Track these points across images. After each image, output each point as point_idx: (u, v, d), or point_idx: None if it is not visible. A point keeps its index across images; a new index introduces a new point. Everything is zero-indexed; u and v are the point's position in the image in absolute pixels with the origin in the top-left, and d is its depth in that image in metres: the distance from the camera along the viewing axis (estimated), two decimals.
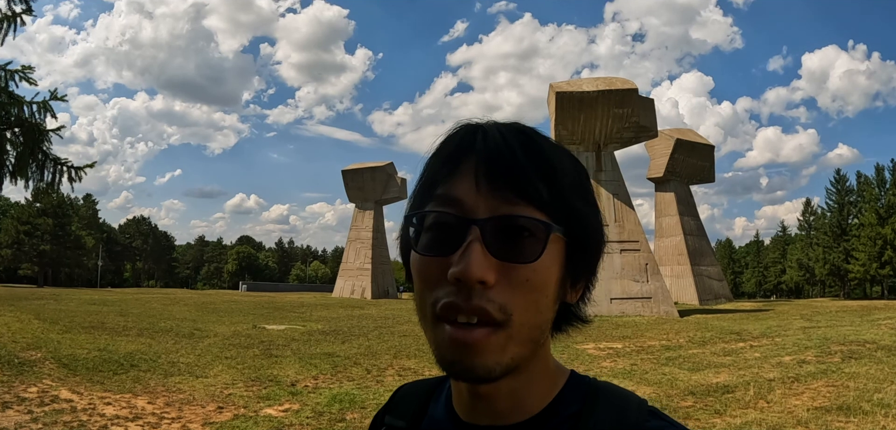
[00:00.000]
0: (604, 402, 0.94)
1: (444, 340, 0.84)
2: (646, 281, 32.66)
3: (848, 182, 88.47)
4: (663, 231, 56.37)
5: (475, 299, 0.82)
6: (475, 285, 0.81)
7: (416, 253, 0.88)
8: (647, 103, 36.48)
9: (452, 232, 0.85)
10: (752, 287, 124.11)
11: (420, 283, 0.88)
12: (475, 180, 0.87)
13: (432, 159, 0.94)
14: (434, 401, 1.09)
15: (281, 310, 35.72)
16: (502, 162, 0.87)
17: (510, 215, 0.84)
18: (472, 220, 0.84)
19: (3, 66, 12.75)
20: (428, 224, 0.88)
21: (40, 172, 13.38)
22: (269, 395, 11.68)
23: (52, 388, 11.34)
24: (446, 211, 0.87)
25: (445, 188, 0.89)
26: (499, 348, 0.84)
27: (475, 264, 0.81)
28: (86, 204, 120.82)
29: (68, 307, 30.11)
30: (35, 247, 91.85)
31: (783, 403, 10.83)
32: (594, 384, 0.99)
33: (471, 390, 0.94)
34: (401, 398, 1.16)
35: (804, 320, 27.74)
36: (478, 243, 0.83)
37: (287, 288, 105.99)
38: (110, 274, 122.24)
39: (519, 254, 0.84)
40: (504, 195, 0.85)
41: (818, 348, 16.86)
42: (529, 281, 0.84)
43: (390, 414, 1.13)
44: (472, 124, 0.95)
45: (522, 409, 0.94)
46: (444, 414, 1.03)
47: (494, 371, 0.84)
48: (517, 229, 0.84)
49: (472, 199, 0.86)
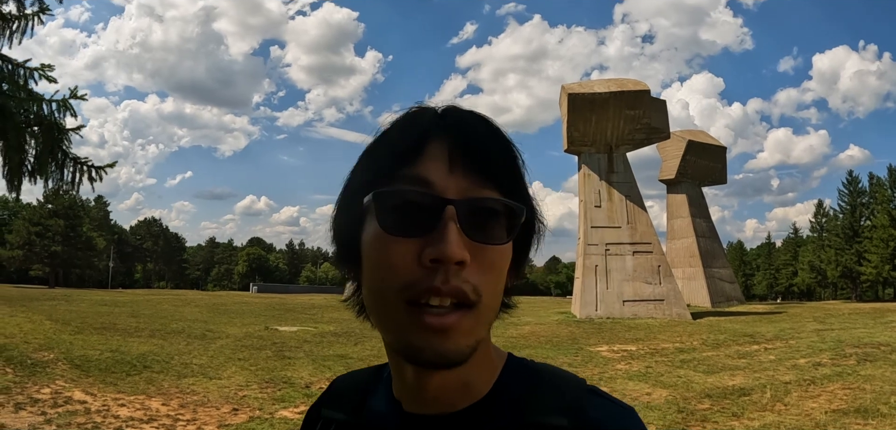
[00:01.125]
0: (544, 382, 0.96)
1: (413, 325, 0.83)
2: (658, 283, 32.55)
3: (860, 184, 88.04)
4: (675, 233, 56.19)
5: (452, 279, 0.81)
6: (452, 265, 0.81)
7: (382, 233, 0.85)
8: (659, 105, 36.36)
9: (424, 212, 0.84)
10: (764, 289, 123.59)
11: (383, 264, 0.85)
12: (448, 161, 0.87)
13: (390, 140, 0.93)
14: (373, 392, 1.08)
15: (292, 311, 35.78)
16: (474, 145, 0.88)
17: (485, 198, 0.85)
18: (448, 199, 0.84)
19: (23, 63, 12.77)
20: (393, 204, 0.85)
21: (60, 171, 13.35)
22: (283, 397, 11.67)
23: (65, 389, 11.35)
24: (417, 190, 0.85)
25: (413, 168, 0.87)
26: (469, 330, 0.84)
27: (454, 243, 0.81)
28: (97, 206, 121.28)
29: (80, 308, 30.20)
30: (46, 248, 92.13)
31: (800, 405, 10.78)
32: (533, 366, 1.00)
33: (418, 379, 0.91)
34: (337, 389, 1.14)
35: (817, 322, 27.66)
36: (454, 223, 0.82)
37: (297, 290, 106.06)
38: (121, 275, 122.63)
39: (490, 236, 0.85)
40: (474, 178, 0.86)
41: (833, 351, 16.77)
42: (495, 264, 0.86)
43: (327, 407, 1.11)
44: (433, 108, 0.95)
45: (467, 395, 0.94)
46: (384, 405, 1.02)
47: (465, 354, 0.85)
48: (488, 211, 0.85)
49: (442, 180, 0.85)
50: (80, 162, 13.58)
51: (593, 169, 35.17)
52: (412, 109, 0.96)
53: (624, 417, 0.91)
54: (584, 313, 31.62)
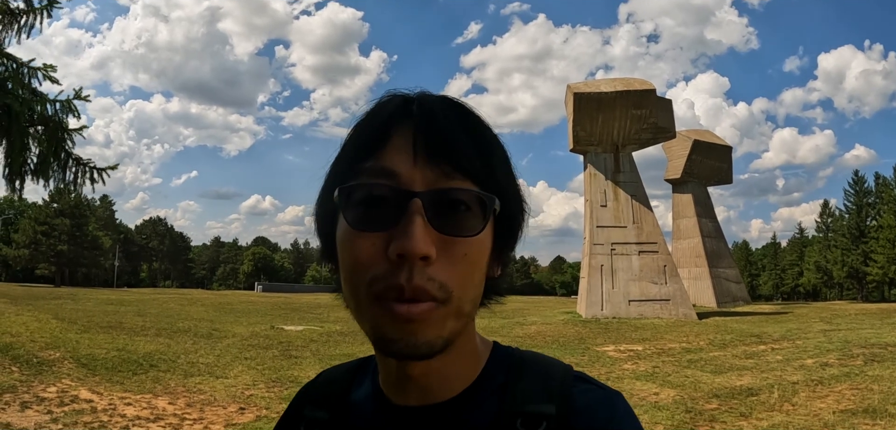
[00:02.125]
0: (529, 370, 0.95)
1: (384, 318, 0.82)
2: (664, 283, 32.50)
3: (866, 184, 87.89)
4: (680, 233, 56.08)
5: (416, 278, 0.79)
6: (417, 260, 0.79)
7: (349, 228, 0.84)
8: (665, 104, 36.32)
9: (389, 206, 0.82)
10: (770, 290, 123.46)
11: (351, 261, 0.84)
12: (412, 152, 0.84)
13: (359, 129, 0.91)
14: (357, 386, 1.06)
15: (298, 311, 35.85)
16: (439, 134, 0.85)
17: (452, 189, 0.83)
18: (414, 192, 0.82)
19: (26, 63, 12.77)
20: (358, 198, 0.84)
21: (62, 171, 13.36)
22: (290, 396, 11.60)
23: (71, 388, 11.36)
24: (381, 183, 0.83)
25: (377, 160, 0.85)
26: (440, 322, 0.82)
27: (419, 238, 0.79)
28: (103, 205, 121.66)
29: (86, 307, 30.28)
30: (52, 247, 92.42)
31: (808, 406, 10.75)
32: (519, 354, 1.00)
33: (401, 369, 0.91)
34: (320, 385, 1.12)
35: (824, 322, 27.59)
36: (420, 216, 0.80)
37: (303, 289, 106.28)
38: (127, 274, 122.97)
39: (460, 227, 0.83)
40: (442, 168, 0.83)
41: (840, 351, 16.72)
42: (467, 256, 0.84)
43: (311, 405, 1.08)
44: (403, 94, 0.92)
45: (451, 385, 0.93)
46: (370, 398, 1.01)
47: (436, 345, 0.83)
48: (457, 202, 0.83)
49: (408, 171, 0.83)
50: (83, 163, 13.60)
51: (599, 169, 35.11)
52: (383, 98, 0.93)
53: (610, 401, 0.91)
54: (590, 313, 31.59)
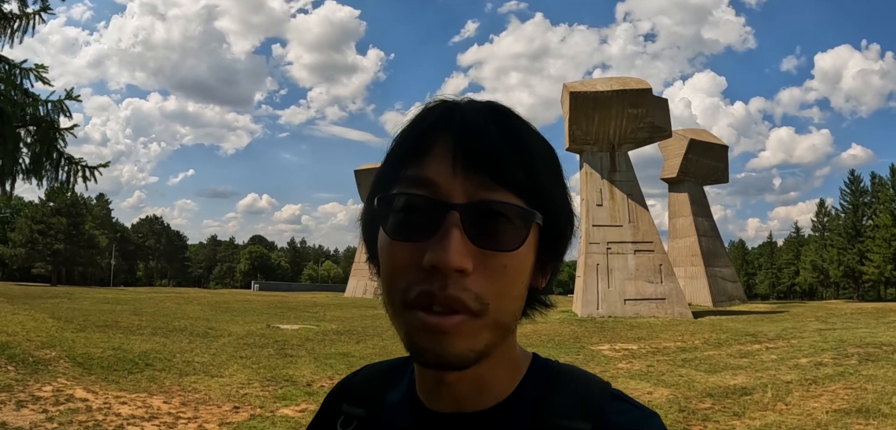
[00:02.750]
0: (567, 385, 0.94)
1: (416, 327, 0.81)
2: (660, 282, 32.53)
3: (862, 183, 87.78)
4: (677, 232, 56.12)
5: (451, 288, 0.79)
6: (452, 273, 0.79)
7: (386, 236, 0.85)
8: (661, 103, 36.34)
9: (427, 216, 0.82)
10: (766, 289, 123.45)
11: (390, 268, 0.85)
12: (452, 162, 0.83)
13: (403, 136, 0.91)
14: (393, 386, 1.07)
15: (294, 310, 35.80)
16: (480, 144, 0.84)
17: (491, 201, 0.82)
18: (452, 204, 0.81)
19: (18, 64, 12.78)
20: (399, 206, 0.84)
21: (55, 171, 13.37)
22: (285, 395, 11.67)
23: (66, 387, 11.36)
24: (419, 194, 0.83)
25: (417, 169, 0.85)
26: (472, 335, 0.82)
27: (454, 251, 0.78)
28: (99, 203, 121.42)
29: (82, 306, 30.24)
30: (49, 246, 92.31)
31: (802, 405, 10.78)
32: (557, 368, 0.99)
33: (436, 376, 0.92)
34: (359, 383, 1.13)
35: (819, 321, 27.63)
36: (457, 230, 0.80)
37: (299, 288, 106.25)
38: (123, 273, 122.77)
39: (499, 242, 0.82)
40: (481, 180, 0.82)
41: (835, 351, 16.76)
42: (506, 269, 0.82)
43: (348, 401, 1.10)
44: (446, 102, 0.92)
45: (487, 396, 0.93)
46: (405, 400, 1.02)
47: (468, 358, 0.83)
48: (496, 215, 0.82)
49: (447, 182, 0.83)
50: (75, 162, 13.60)
51: (595, 168, 35.12)
52: (428, 104, 0.93)
53: (646, 422, 0.91)
54: (586, 312, 31.60)
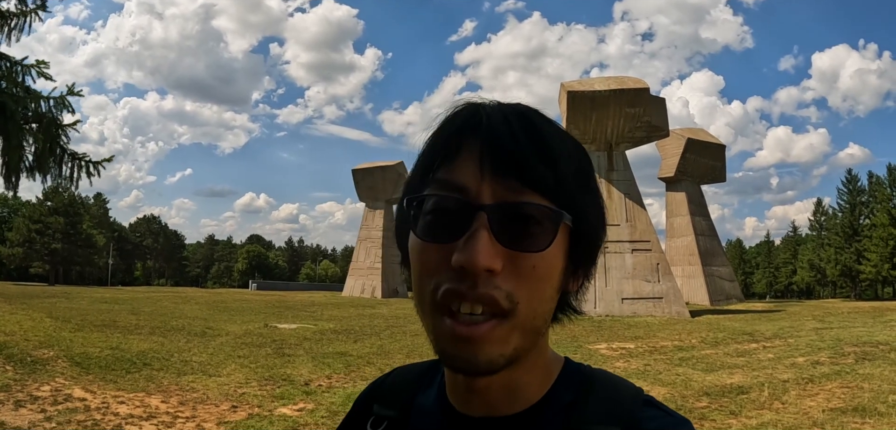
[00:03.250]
0: (598, 390, 0.94)
1: (444, 333, 0.83)
2: (657, 281, 32.56)
3: (859, 182, 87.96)
4: (674, 231, 56.21)
5: (481, 286, 0.80)
6: (481, 273, 0.79)
7: (416, 238, 0.86)
8: (659, 103, 36.38)
9: (456, 218, 0.83)
10: (763, 288, 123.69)
11: (419, 269, 0.86)
12: (479, 165, 0.84)
13: (432, 139, 0.92)
14: (424, 389, 1.08)
15: (292, 309, 35.79)
16: (507, 147, 0.84)
17: (519, 203, 0.82)
18: (480, 206, 0.82)
19: (20, 61, 12.79)
20: (428, 208, 0.85)
21: (59, 167, 13.40)
22: (282, 394, 11.68)
23: (64, 387, 11.36)
24: (449, 195, 0.84)
25: (447, 172, 0.86)
26: (502, 340, 0.82)
27: (483, 251, 0.79)
28: (97, 203, 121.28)
29: (80, 306, 30.22)
30: (46, 245, 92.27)
31: (798, 404, 10.79)
32: (589, 373, 0.99)
33: (466, 381, 0.92)
34: (390, 384, 1.14)
35: (816, 321, 27.64)
36: (485, 231, 0.80)
37: (297, 287, 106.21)
38: (121, 272, 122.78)
39: (528, 243, 0.82)
40: (509, 183, 0.83)
41: (831, 350, 16.78)
42: (536, 269, 0.83)
43: (379, 402, 1.11)
44: (474, 104, 0.92)
45: (518, 400, 0.93)
46: (435, 404, 1.02)
47: (497, 363, 0.83)
48: (525, 217, 0.82)
49: (475, 184, 0.84)
50: (78, 158, 13.63)
51: None
52: (456, 107, 0.93)
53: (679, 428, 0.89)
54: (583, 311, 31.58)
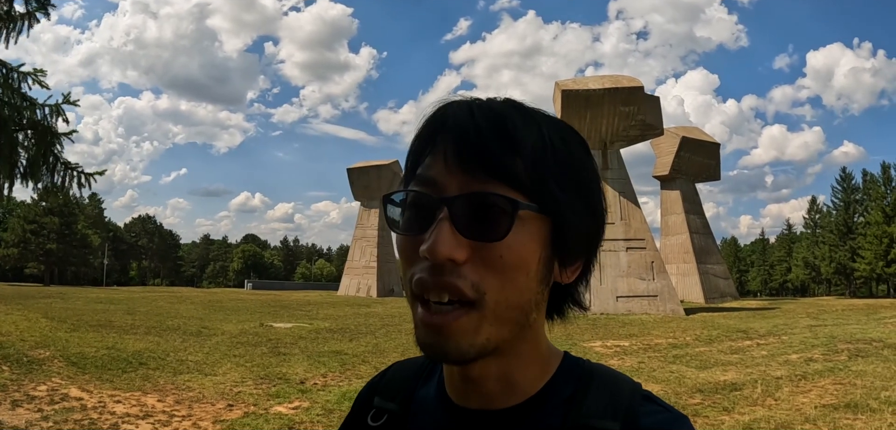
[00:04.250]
0: (597, 385, 0.94)
1: (417, 321, 0.86)
2: (652, 279, 32.59)
3: (853, 180, 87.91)
4: (669, 229, 56.23)
5: (446, 275, 0.82)
6: (444, 262, 0.82)
7: (396, 233, 0.90)
8: (653, 101, 36.39)
9: (425, 211, 0.86)
10: (758, 286, 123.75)
11: (401, 262, 0.90)
12: (444, 159, 0.87)
13: (413, 141, 0.95)
14: (424, 382, 1.09)
15: (287, 308, 35.71)
16: (470, 140, 0.86)
17: (479, 193, 0.84)
18: (442, 198, 0.84)
19: (16, 67, 12.78)
20: (408, 203, 0.89)
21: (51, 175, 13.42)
22: (278, 393, 11.70)
23: (61, 386, 11.37)
24: (420, 191, 0.87)
25: (423, 168, 0.90)
26: (471, 329, 0.84)
27: (442, 242, 0.81)
28: (91, 203, 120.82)
29: (75, 306, 30.16)
30: (41, 246, 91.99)
31: (791, 401, 10.84)
32: (588, 367, 0.99)
33: (461, 372, 0.94)
34: (391, 378, 1.15)
35: (810, 318, 27.68)
36: (446, 222, 0.83)
37: (292, 286, 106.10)
38: (116, 273, 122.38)
39: (488, 231, 0.83)
40: (473, 174, 0.85)
41: (825, 347, 16.85)
42: (503, 259, 0.83)
43: (380, 395, 1.12)
44: (445, 103, 0.94)
45: (514, 392, 0.94)
46: (434, 396, 1.04)
47: (468, 353, 0.85)
48: (487, 206, 0.83)
49: (444, 178, 0.86)
50: (71, 167, 13.62)
51: None
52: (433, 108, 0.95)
53: (676, 425, 0.89)
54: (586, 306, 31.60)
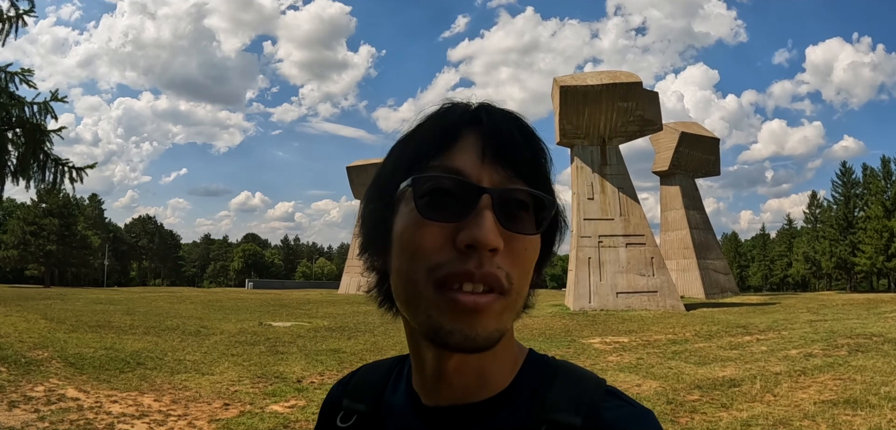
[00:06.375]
0: (562, 379, 0.97)
1: (445, 308, 0.84)
2: (652, 275, 32.64)
3: (854, 175, 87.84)
4: (669, 225, 56.25)
5: (487, 265, 0.83)
6: (487, 251, 0.83)
7: (417, 217, 0.87)
8: (652, 97, 36.44)
9: (458, 199, 0.86)
10: (759, 281, 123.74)
11: (412, 250, 0.87)
12: (480, 154, 0.90)
13: (424, 132, 0.95)
14: (393, 385, 1.10)
15: (287, 307, 35.79)
16: (505, 140, 0.91)
17: (518, 189, 0.88)
18: (484, 188, 0.86)
19: (4, 67, 12.77)
20: (426, 189, 0.88)
21: (42, 172, 13.42)
22: (274, 392, 11.69)
23: (58, 387, 11.37)
24: (450, 177, 0.88)
25: (444, 160, 0.90)
26: (499, 314, 0.86)
27: (490, 230, 0.83)
28: (91, 204, 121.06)
29: (75, 307, 30.17)
30: (41, 247, 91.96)
31: (790, 396, 10.82)
32: (553, 363, 1.01)
33: (436, 370, 0.94)
34: (360, 380, 1.15)
35: (811, 313, 27.73)
36: (490, 211, 0.84)
37: (293, 285, 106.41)
38: (116, 273, 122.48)
39: (523, 226, 0.88)
40: (506, 172, 0.89)
41: (825, 342, 16.84)
42: (526, 252, 0.89)
43: (349, 397, 1.13)
44: (465, 103, 0.98)
45: (486, 387, 0.95)
46: (403, 398, 1.04)
47: (493, 338, 0.86)
48: (520, 202, 0.88)
49: (476, 171, 0.88)
50: (61, 163, 13.62)
51: (586, 161, 35.20)
52: (444, 105, 0.98)
53: (639, 420, 0.91)
54: (578, 306, 31.67)
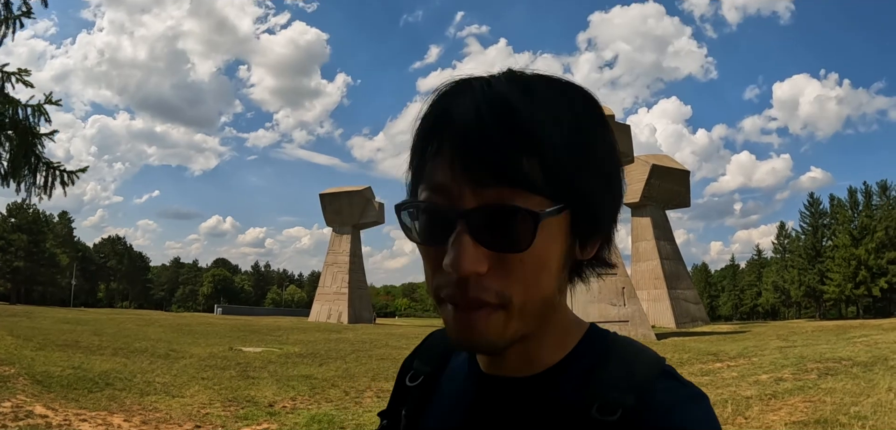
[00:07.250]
0: (618, 356, 0.92)
1: (448, 320, 0.84)
2: (623, 305, 32.84)
3: (821, 205, 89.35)
4: (640, 256, 56.56)
5: (471, 290, 0.79)
6: (468, 276, 0.78)
7: (418, 239, 0.86)
8: (624, 129, 36.85)
9: (440, 221, 0.81)
10: (729, 310, 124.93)
11: (424, 267, 0.88)
12: (450, 167, 0.80)
13: (416, 132, 0.88)
14: (456, 352, 1.11)
15: (257, 333, 35.45)
16: (472, 143, 0.79)
17: (495, 206, 0.78)
18: (459, 212, 0.79)
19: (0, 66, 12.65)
20: (422, 209, 0.84)
21: (33, 175, 13.29)
22: (246, 415, 11.57)
23: (26, 403, 11.17)
24: (434, 198, 0.82)
25: (430, 170, 0.83)
26: (500, 326, 0.82)
27: (466, 257, 0.77)
28: (61, 221, 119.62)
29: (42, 325, 29.76)
30: (8, 263, 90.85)
31: (761, 418, 10.88)
32: (612, 339, 0.97)
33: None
34: (428, 345, 1.18)
35: (781, 340, 27.92)
36: (466, 235, 0.78)
37: (263, 312, 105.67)
38: (84, 294, 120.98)
39: (510, 242, 0.78)
40: (484, 183, 0.78)
41: (795, 367, 16.96)
42: (524, 263, 0.80)
43: (418, 359, 1.16)
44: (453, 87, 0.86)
45: (537, 362, 0.93)
46: (465, 365, 1.05)
47: (498, 346, 0.83)
48: (505, 216, 0.78)
49: (454, 186, 0.80)
50: (53, 166, 13.50)
51: None
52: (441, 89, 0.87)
53: (693, 402, 0.86)
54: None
